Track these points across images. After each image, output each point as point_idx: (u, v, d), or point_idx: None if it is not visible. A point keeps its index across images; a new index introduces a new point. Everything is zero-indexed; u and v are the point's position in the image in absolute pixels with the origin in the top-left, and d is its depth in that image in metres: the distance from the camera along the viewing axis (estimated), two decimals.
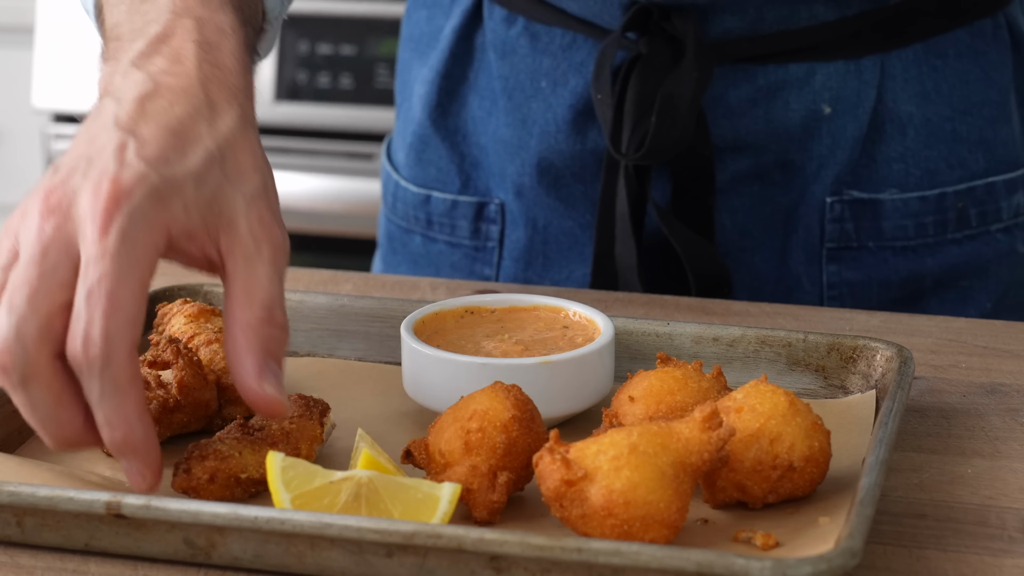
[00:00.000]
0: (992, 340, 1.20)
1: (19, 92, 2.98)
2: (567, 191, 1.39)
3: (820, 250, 1.35)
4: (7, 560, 0.88)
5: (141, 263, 0.85)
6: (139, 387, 0.85)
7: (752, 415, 0.91)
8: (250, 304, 0.88)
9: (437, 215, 1.46)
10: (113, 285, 0.83)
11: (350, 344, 1.17)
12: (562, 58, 1.36)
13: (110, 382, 0.83)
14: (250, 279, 0.88)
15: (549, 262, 1.42)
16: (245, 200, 0.89)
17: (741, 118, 1.32)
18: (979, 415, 1.06)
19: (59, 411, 0.85)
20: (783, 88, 1.31)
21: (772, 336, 1.10)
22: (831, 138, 1.33)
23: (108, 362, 0.83)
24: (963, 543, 0.89)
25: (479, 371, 1.00)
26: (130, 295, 0.84)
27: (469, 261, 1.45)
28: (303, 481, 0.88)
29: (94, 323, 0.83)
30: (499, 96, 1.39)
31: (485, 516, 0.90)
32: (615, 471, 0.83)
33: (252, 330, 0.88)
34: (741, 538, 0.88)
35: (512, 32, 1.38)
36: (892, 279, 1.36)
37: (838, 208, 1.34)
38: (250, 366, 0.88)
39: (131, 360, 0.84)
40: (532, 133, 1.38)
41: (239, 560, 0.86)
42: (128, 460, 0.86)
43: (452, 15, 1.43)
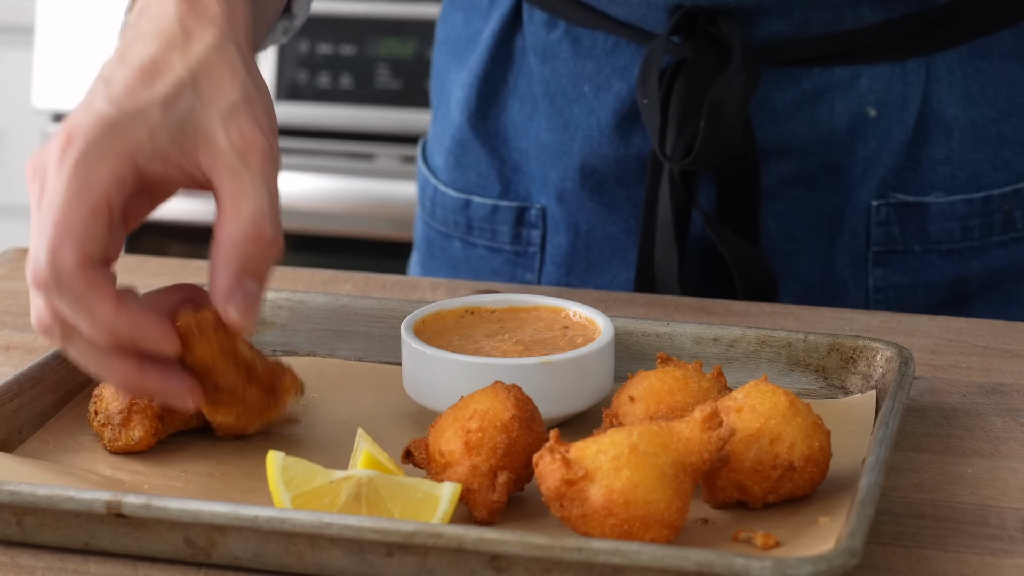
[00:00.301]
0: (992, 340, 1.20)
1: (19, 92, 2.98)
2: (610, 196, 1.38)
3: (866, 254, 1.34)
4: (7, 560, 0.88)
5: (92, 186, 0.86)
6: (103, 291, 0.86)
7: (752, 415, 0.91)
8: (237, 218, 0.88)
9: (477, 220, 1.45)
10: (57, 208, 0.86)
11: (350, 344, 1.17)
12: (605, 62, 1.35)
13: (69, 296, 0.86)
14: (237, 192, 0.88)
15: (592, 267, 1.41)
16: (222, 116, 0.89)
17: (786, 122, 1.31)
18: (979, 415, 1.06)
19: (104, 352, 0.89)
20: (828, 91, 1.31)
21: (772, 336, 1.10)
22: (876, 141, 1.32)
23: (58, 279, 0.85)
24: (963, 543, 0.89)
25: (479, 371, 1.00)
26: (76, 214, 0.86)
27: (510, 266, 1.44)
28: (303, 480, 0.88)
29: (40, 246, 0.86)
30: (540, 100, 1.39)
31: (485, 516, 0.90)
32: (615, 471, 0.83)
33: (233, 246, 0.88)
34: (741, 538, 0.88)
35: (553, 36, 1.37)
36: (938, 282, 1.35)
37: (884, 211, 1.33)
38: (221, 284, 0.89)
39: (82, 271, 0.86)
40: (575, 138, 1.37)
41: (239, 560, 0.86)
42: (140, 347, 0.88)
43: (491, 18, 1.41)
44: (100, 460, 0.98)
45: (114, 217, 0.88)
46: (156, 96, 0.89)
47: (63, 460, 0.98)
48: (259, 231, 0.88)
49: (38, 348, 1.18)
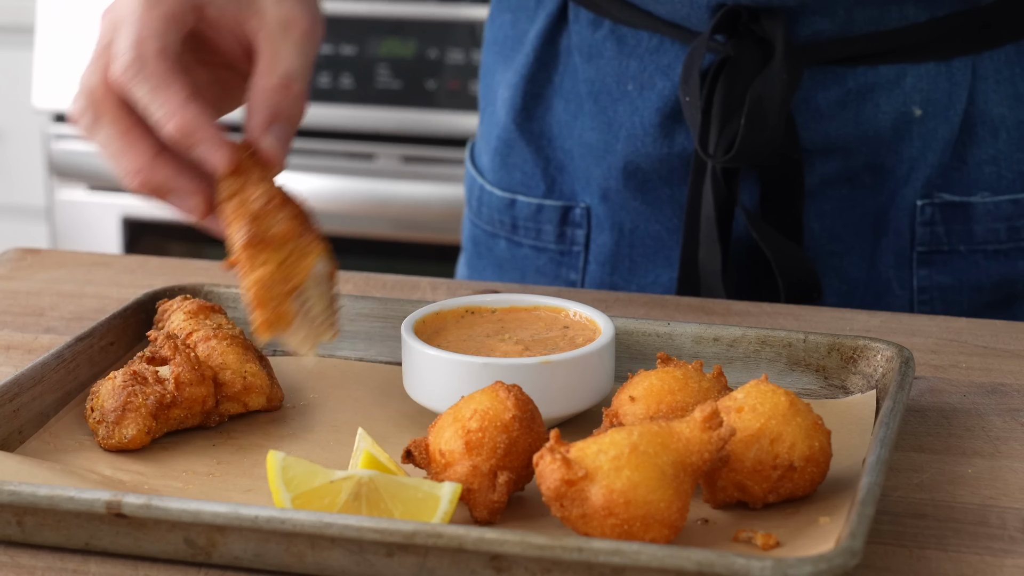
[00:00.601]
0: (992, 340, 1.20)
1: (19, 92, 2.98)
2: (654, 194, 1.38)
3: (911, 254, 1.34)
4: (7, 560, 0.88)
5: (164, 2, 0.99)
6: (180, 81, 0.98)
7: (752, 415, 0.91)
8: (271, 73, 1.01)
9: (522, 219, 1.45)
10: (136, 16, 0.98)
11: (351, 344, 1.17)
12: (649, 61, 1.35)
13: (151, 78, 0.97)
14: (274, 54, 1.01)
15: (635, 266, 1.41)
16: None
17: (831, 121, 1.31)
18: (979, 415, 1.06)
19: (128, 139, 0.99)
20: (873, 90, 1.30)
21: (772, 336, 1.10)
22: (922, 140, 1.31)
23: (142, 63, 0.97)
24: (963, 543, 0.89)
25: (480, 371, 1.00)
26: (153, 17, 0.99)
27: (555, 265, 1.45)
28: (303, 480, 0.88)
29: (126, 35, 0.98)
30: (584, 99, 1.39)
31: (485, 516, 0.90)
32: (615, 471, 0.83)
33: (266, 93, 1.01)
34: (742, 538, 0.88)
35: (598, 35, 1.38)
36: (983, 283, 1.35)
37: (929, 211, 1.33)
38: (258, 122, 1.01)
39: (163, 59, 0.98)
40: (618, 136, 1.37)
41: (239, 560, 0.86)
42: (196, 144, 0.98)
43: (537, 19, 1.42)
44: (100, 460, 0.98)
45: (182, 32, 1.00)
46: None
47: (63, 460, 0.98)
48: (289, 85, 1.01)
49: (38, 348, 1.18)
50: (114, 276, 1.35)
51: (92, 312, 1.26)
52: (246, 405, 1.04)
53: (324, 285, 1.02)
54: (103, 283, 1.33)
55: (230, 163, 0.99)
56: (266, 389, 1.05)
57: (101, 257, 1.40)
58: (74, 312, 1.26)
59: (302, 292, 1.01)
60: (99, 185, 2.88)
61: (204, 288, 1.21)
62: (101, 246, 2.89)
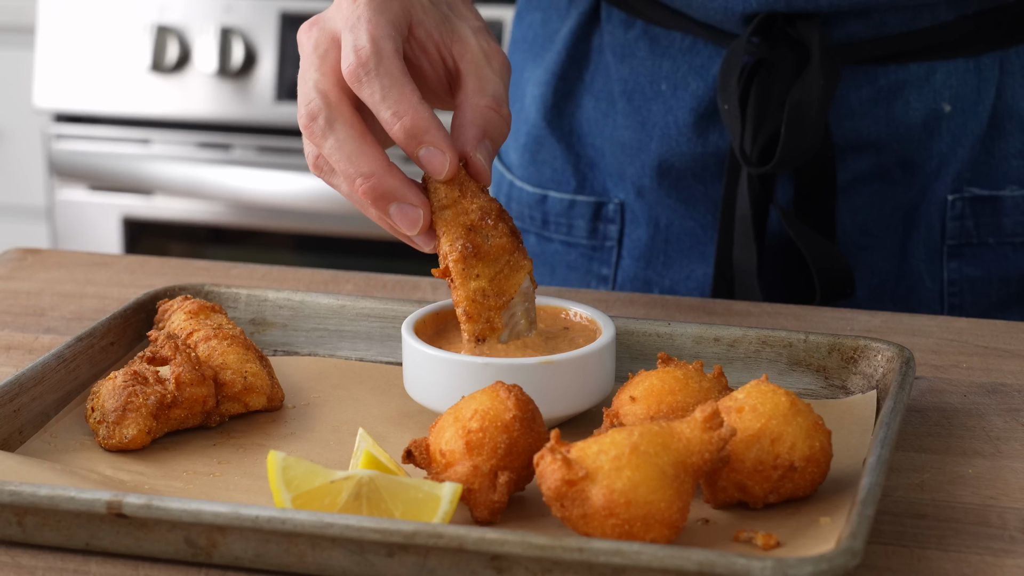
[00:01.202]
0: (993, 340, 1.20)
1: (20, 92, 2.98)
2: (688, 192, 1.39)
3: (941, 247, 1.35)
4: (8, 560, 0.88)
5: (388, 11, 1.02)
6: (412, 82, 1.01)
7: (753, 415, 0.91)
8: (482, 93, 1.05)
9: (553, 215, 1.46)
10: (367, 16, 1.02)
11: (351, 344, 1.17)
12: (682, 61, 1.36)
13: (386, 76, 1.00)
14: (482, 78, 1.05)
15: (670, 261, 1.42)
16: (471, 29, 1.07)
17: (863, 118, 1.32)
18: (980, 415, 1.06)
19: (363, 144, 1.01)
20: (903, 88, 1.32)
21: (773, 336, 1.10)
22: (951, 136, 1.33)
23: (380, 58, 1.00)
24: (964, 543, 0.89)
25: (480, 371, 1.00)
26: (384, 23, 1.02)
27: (586, 260, 1.46)
28: (304, 480, 0.88)
29: (360, 34, 1.01)
30: (617, 98, 1.40)
31: (486, 516, 0.90)
32: (616, 471, 0.83)
33: (479, 111, 1.04)
34: (742, 538, 0.88)
35: (631, 35, 1.39)
36: (1012, 275, 1.36)
37: (959, 205, 1.34)
38: (471, 136, 1.03)
39: (397, 58, 1.01)
40: (652, 136, 1.38)
41: (240, 560, 0.86)
42: (425, 144, 1.01)
43: (569, 17, 1.43)
44: (101, 460, 0.98)
45: (403, 41, 1.04)
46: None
47: (64, 460, 0.98)
48: (499, 105, 1.05)
49: (39, 348, 1.18)
50: (114, 276, 1.35)
51: (92, 312, 1.26)
52: (247, 405, 1.04)
53: (529, 301, 1.05)
54: (103, 283, 1.33)
55: (453, 169, 1.01)
56: (267, 389, 1.05)
57: (101, 257, 1.40)
58: (75, 312, 1.26)
59: (511, 307, 1.04)
60: (99, 185, 2.88)
61: (204, 288, 1.21)
62: (101, 246, 2.89)
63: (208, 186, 2.79)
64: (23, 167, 3.04)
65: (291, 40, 2.77)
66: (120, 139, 2.86)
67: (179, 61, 2.79)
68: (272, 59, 2.78)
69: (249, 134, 2.80)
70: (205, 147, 2.81)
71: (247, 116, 2.77)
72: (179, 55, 2.79)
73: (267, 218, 2.79)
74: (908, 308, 1.36)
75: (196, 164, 2.80)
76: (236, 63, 2.76)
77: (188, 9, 2.79)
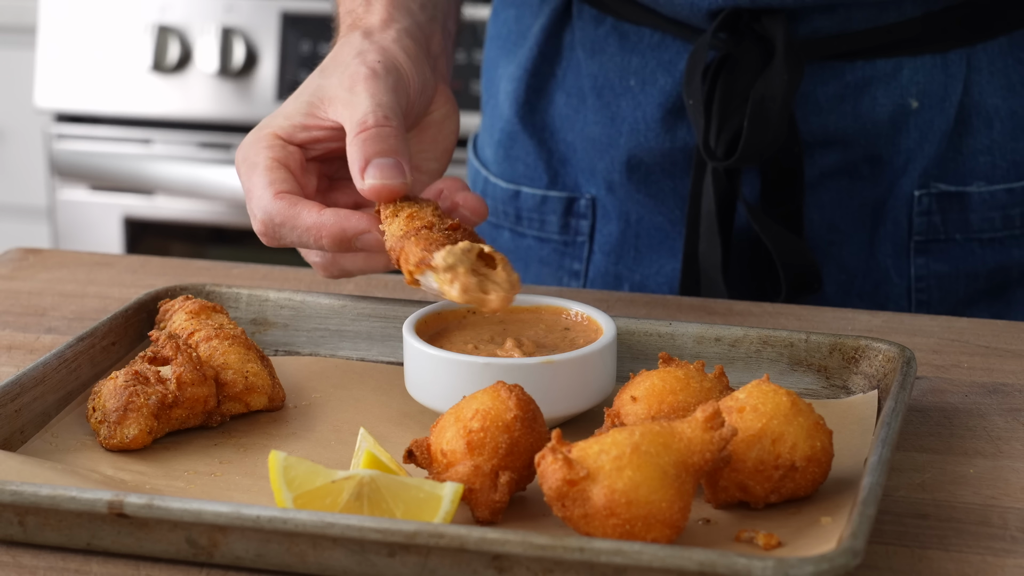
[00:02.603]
0: (994, 340, 1.20)
1: (21, 92, 2.98)
2: (657, 187, 1.40)
3: (908, 243, 1.36)
4: (9, 560, 0.88)
5: (256, 161, 1.11)
6: (305, 205, 1.08)
7: (754, 415, 0.91)
8: (350, 128, 1.09)
9: (526, 210, 1.47)
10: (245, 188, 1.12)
11: (352, 344, 1.17)
12: (650, 57, 1.37)
13: (280, 220, 1.09)
14: (344, 115, 1.10)
15: (640, 256, 1.43)
16: (338, 76, 1.12)
17: (829, 114, 1.33)
18: (981, 415, 1.06)
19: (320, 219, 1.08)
20: (870, 84, 1.32)
21: (774, 336, 1.10)
22: (919, 132, 1.33)
23: (267, 214, 1.09)
24: (965, 543, 0.89)
25: (481, 371, 1.00)
26: (253, 178, 1.11)
27: (558, 256, 1.47)
28: (305, 480, 0.88)
29: (252, 207, 1.11)
30: (588, 94, 1.40)
31: (487, 516, 0.90)
32: (617, 471, 0.83)
33: (350, 144, 1.08)
34: (743, 538, 0.88)
35: (601, 31, 1.39)
36: (979, 271, 1.37)
37: (926, 201, 1.35)
38: (355, 171, 1.08)
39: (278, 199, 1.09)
40: (621, 131, 1.39)
41: (241, 560, 0.86)
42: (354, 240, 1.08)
43: (541, 14, 1.44)
44: (102, 460, 0.98)
45: (292, 170, 1.11)
46: (291, 96, 1.15)
47: (65, 460, 0.98)
48: (364, 125, 1.08)
49: (40, 348, 1.18)
50: (116, 276, 1.35)
51: (94, 312, 1.26)
52: (248, 405, 1.04)
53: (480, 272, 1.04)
54: (105, 283, 1.33)
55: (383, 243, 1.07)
56: (268, 389, 1.05)
57: (103, 257, 1.40)
58: (76, 312, 1.26)
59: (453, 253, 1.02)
60: (100, 185, 2.88)
61: (206, 288, 1.21)
62: (103, 246, 2.89)
63: (209, 186, 2.79)
64: (24, 167, 3.04)
65: (292, 40, 2.77)
66: (121, 139, 2.86)
67: (180, 61, 2.79)
68: (273, 59, 2.78)
69: None
70: (206, 147, 2.81)
71: (248, 116, 2.77)
72: (180, 55, 2.79)
73: None
74: (875, 304, 1.37)
75: (197, 164, 2.80)
76: (237, 63, 2.76)
77: (189, 9, 2.79)
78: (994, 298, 1.37)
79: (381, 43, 1.15)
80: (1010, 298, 1.37)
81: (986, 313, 1.36)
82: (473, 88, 2.67)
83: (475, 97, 2.65)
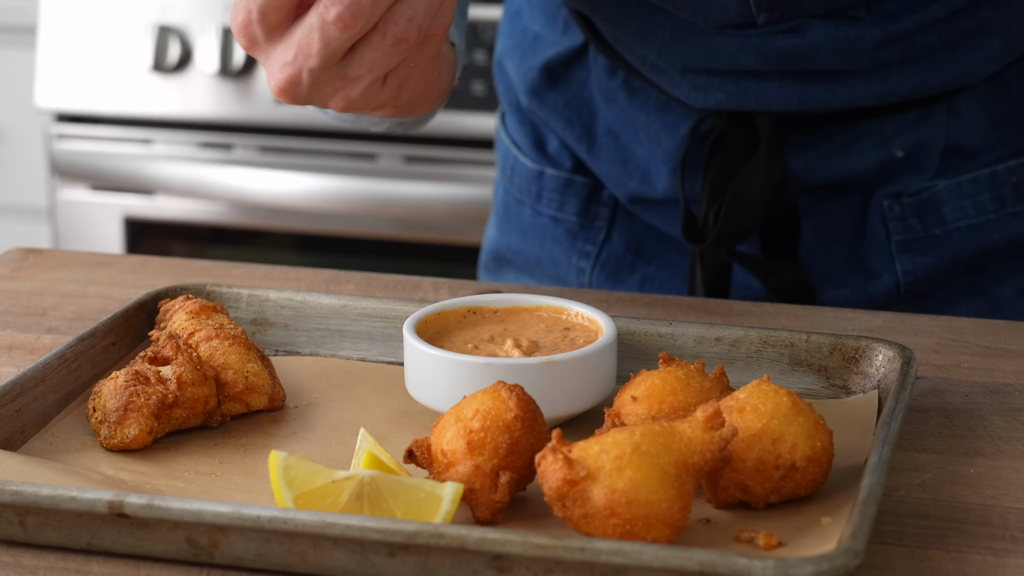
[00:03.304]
0: (994, 340, 1.20)
1: (22, 92, 2.98)
2: (667, 214, 1.43)
3: (889, 246, 1.38)
4: (9, 560, 0.88)
5: None
6: None
7: (754, 415, 0.91)
8: None
9: (548, 191, 1.49)
10: None
11: (352, 344, 1.17)
12: (655, 117, 1.41)
13: None
14: None
15: (660, 249, 1.46)
16: None
17: (820, 170, 1.37)
18: (981, 415, 1.06)
19: None
20: (858, 140, 1.36)
21: (774, 336, 1.10)
22: (906, 176, 1.38)
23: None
24: (966, 543, 0.89)
25: (481, 371, 1.00)
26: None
27: (571, 237, 1.49)
28: (306, 480, 0.88)
29: None
30: (601, 135, 1.44)
31: (487, 516, 0.90)
32: (617, 471, 0.83)
33: None
34: (744, 538, 0.88)
35: (613, 82, 1.43)
36: (962, 256, 1.39)
37: (896, 208, 1.38)
38: None
39: None
40: (632, 176, 1.42)
41: (241, 560, 0.86)
42: None
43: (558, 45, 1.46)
44: (102, 460, 0.98)
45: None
46: None
47: (65, 460, 0.98)
48: None
49: (40, 348, 1.18)
50: (116, 276, 1.35)
51: (94, 312, 1.26)
52: (248, 405, 1.04)
53: None
54: (105, 283, 1.33)
55: None
56: (268, 389, 1.05)
57: (103, 257, 1.40)
58: (76, 312, 1.26)
59: None
60: (101, 185, 2.88)
61: (206, 288, 1.21)
62: (103, 246, 2.89)
63: (209, 186, 2.79)
64: (24, 167, 3.04)
65: None
66: (121, 139, 2.86)
67: (181, 61, 2.79)
68: None
69: (251, 134, 2.80)
70: (206, 147, 2.81)
71: (249, 116, 2.77)
72: (181, 55, 2.79)
73: (268, 218, 2.79)
74: (866, 297, 1.40)
75: (197, 164, 2.80)
76: (238, 63, 2.76)
77: (190, 9, 2.80)
78: (979, 276, 1.40)
79: None
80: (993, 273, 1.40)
81: (971, 297, 1.39)
82: (472, 88, 2.67)
83: (475, 97, 2.65)
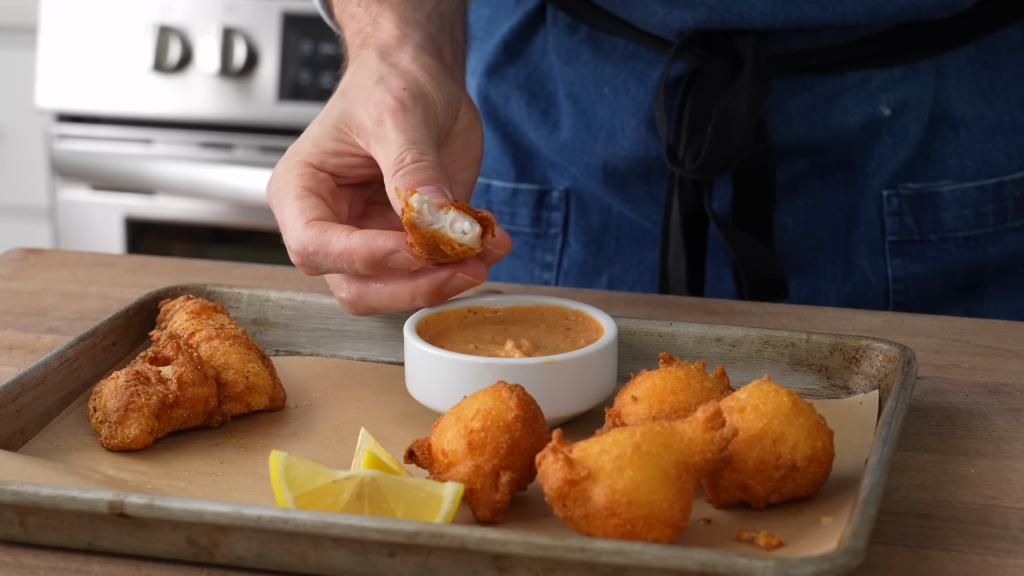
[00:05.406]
0: (995, 340, 1.20)
1: (22, 92, 2.98)
2: (633, 191, 1.40)
3: (883, 244, 1.37)
4: (10, 560, 0.88)
5: (287, 191, 1.09)
6: (335, 229, 1.05)
7: (755, 415, 0.91)
8: (387, 167, 1.06)
9: (497, 203, 1.48)
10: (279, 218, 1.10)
11: (353, 344, 1.17)
12: (623, 67, 1.38)
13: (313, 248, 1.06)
14: (378, 151, 1.08)
15: (621, 247, 1.44)
16: (363, 102, 1.10)
17: (801, 124, 1.34)
18: (982, 415, 1.06)
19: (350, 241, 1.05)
20: (841, 94, 1.33)
21: (775, 336, 1.10)
22: (892, 138, 1.35)
23: (300, 242, 1.06)
24: (966, 543, 0.89)
25: (482, 371, 1.00)
26: (286, 205, 1.09)
27: (529, 248, 1.47)
28: (306, 480, 0.88)
29: (287, 238, 1.08)
30: (562, 100, 1.41)
31: (488, 516, 0.90)
32: (618, 471, 0.83)
33: (390, 183, 1.05)
34: (744, 538, 0.88)
35: (575, 39, 1.40)
36: (955, 269, 1.38)
37: (895, 201, 1.36)
38: (397, 204, 1.05)
39: (309, 227, 1.06)
40: (597, 138, 1.39)
41: (242, 559, 0.86)
42: (386, 260, 1.04)
43: (513, 15, 1.44)
44: (103, 460, 0.98)
45: (323, 197, 1.09)
46: (315, 120, 1.12)
47: (66, 460, 0.98)
48: (399, 164, 1.06)
49: (41, 348, 1.19)
50: (116, 276, 1.35)
51: (94, 312, 1.26)
52: (249, 405, 1.04)
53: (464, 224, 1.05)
54: (105, 283, 1.33)
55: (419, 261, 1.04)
56: (268, 389, 1.05)
57: (104, 257, 1.41)
58: (76, 312, 1.26)
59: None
60: (101, 185, 2.88)
61: (207, 288, 1.21)
62: (103, 246, 2.89)
63: (210, 186, 2.79)
64: (25, 167, 3.05)
65: (293, 40, 2.77)
66: (122, 139, 2.86)
67: (181, 61, 2.79)
68: (274, 59, 2.78)
69: (251, 134, 2.80)
70: (207, 147, 2.81)
71: (249, 116, 2.77)
72: (181, 55, 2.79)
73: (269, 218, 2.79)
74: (854, 306, 1.37)
75: (198, 164, 2.80)
76: (238, 63, 2.76)
77: (190, 9, 2.80)
78: (969, 295, 1.38)
79: (400, 65, 1.12)
80: (982, 294, 1.39)
81: (960, 312, 1.38)
82: None
83: None
